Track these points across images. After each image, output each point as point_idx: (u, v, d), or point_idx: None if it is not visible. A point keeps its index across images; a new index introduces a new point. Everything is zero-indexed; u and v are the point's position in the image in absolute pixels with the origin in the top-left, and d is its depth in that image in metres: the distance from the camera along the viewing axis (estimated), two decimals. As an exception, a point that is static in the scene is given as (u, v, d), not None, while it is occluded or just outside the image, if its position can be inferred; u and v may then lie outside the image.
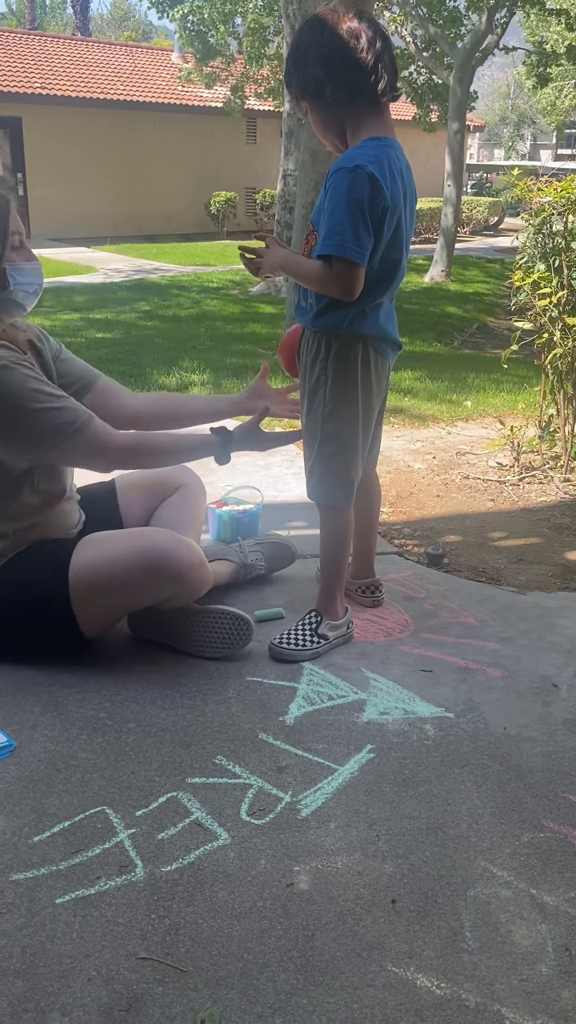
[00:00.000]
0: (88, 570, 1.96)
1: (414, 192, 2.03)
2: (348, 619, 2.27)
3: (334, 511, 2.20)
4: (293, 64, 1.96)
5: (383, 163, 1.88)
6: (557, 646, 2.28)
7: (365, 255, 1.89)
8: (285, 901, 1.42)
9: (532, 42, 17.37)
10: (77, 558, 1.97)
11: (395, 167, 1.92)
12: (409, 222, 2.01)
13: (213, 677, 2.06)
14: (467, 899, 1.44)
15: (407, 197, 1.97)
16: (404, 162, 1.98)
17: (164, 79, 18.73)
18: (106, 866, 1.48)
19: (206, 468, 3.46)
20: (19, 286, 1.96)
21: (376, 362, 2.10)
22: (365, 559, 2.45)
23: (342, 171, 1.86)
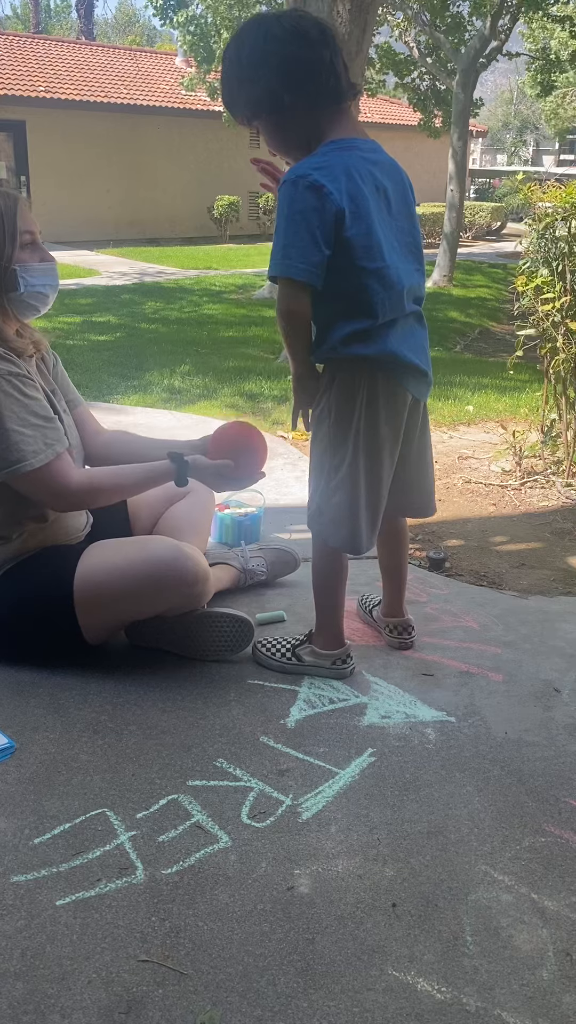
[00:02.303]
0: (92, 579, 1.96)
1: (403, 194, 1.83)
2: (340, 655, 2.09)
3: (327, 550, 2.00)
4: (236, 81, 1.75)
5: (334, 167, 1.70)
6: (559, 650, 2.28)
7: (312, 271, 1.70)
8: (286, 904, 1.42)
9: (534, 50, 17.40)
10: (82, 567, 1.97)
11: (357, 169, 1.72)
12: (390, 226, 1.79)
13: (214, 680, 2.06)
14: (468, 903, 1.44)
15: (388, 199, 1.78)
16: (382, 162, 1.79)
17: (168, 83, 18.77)
18: (106, 868, 1.48)
19: (208, 471, 3.47)
20: (31, 287, 1.93)
21: (387, 391, 1.85)
22: (393, 598, 2.25)
23: (284, 185, 1.70)
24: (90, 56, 19.19)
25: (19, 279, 1.91)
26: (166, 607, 2.03)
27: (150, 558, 1.97)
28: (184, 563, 1.97)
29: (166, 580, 1.96)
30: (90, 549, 2.02)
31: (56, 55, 18.37)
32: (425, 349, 1.92)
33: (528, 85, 20.92)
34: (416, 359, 1.86)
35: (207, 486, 2.13)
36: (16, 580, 1.99)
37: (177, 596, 1.99)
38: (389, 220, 1.79)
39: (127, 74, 18.82)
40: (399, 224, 1.82)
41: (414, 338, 1.87)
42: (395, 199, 1.81)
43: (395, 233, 1.81)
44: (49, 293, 1.99)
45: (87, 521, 2.21)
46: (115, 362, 6.01)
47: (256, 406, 4.80)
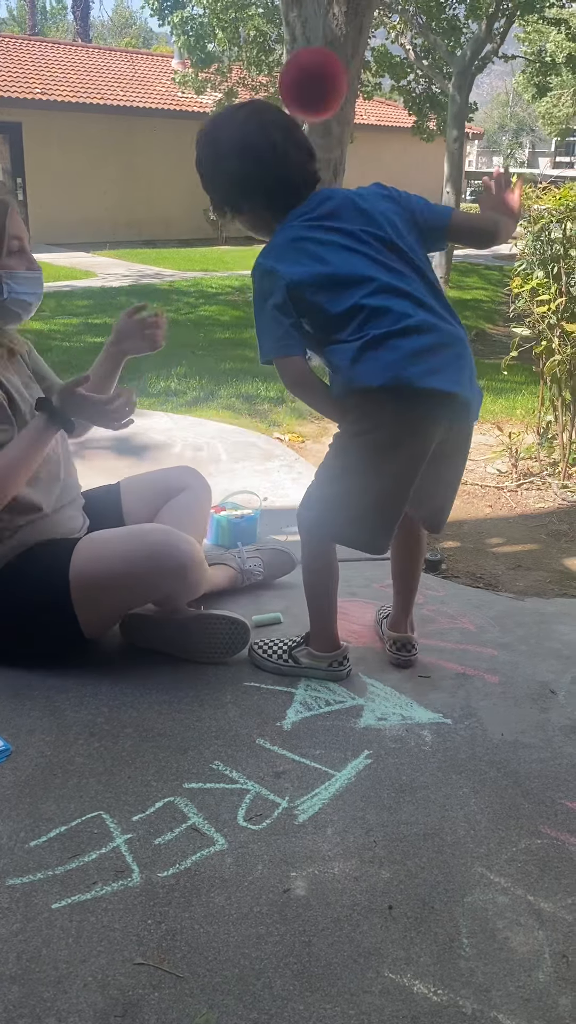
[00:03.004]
0: (88, 567, 1.96)
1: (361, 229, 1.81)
2: (336, 657, 2.08)
3: (316, 553, 2.03)
4: (206, 183, 1.91)
5: (283, 244, 1.82)
6: (555, 652, 2.28)
7: (291, 343, 1.81)
8: (282, 907, 1.42)
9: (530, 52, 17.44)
10: (78, 556, 1.97)
11: (302, 233, 1.81)
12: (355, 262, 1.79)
13: (211, 682, 2.05)
14: (464, 905, 1.44)
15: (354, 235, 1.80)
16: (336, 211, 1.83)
17: (164, 85, 18.76)
18: (102, 871, 1.48)
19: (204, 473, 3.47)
20: (15, 294, 1.93)
21: (398, 415, 1.79)
22: (397, 611, 2.22)
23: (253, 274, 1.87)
24: (86, 58, 19.18)
25: (3, 285, 1.91)
26: (162, 593, 2.03)
27: (145, 542, 1.98)
28: (178, 545, 1.98)
29: (162, 565, 1.96)
30: (85, 539, 2.03)
31: (52, 57, 18.36)
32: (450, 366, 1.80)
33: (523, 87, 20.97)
34: (431, 381, 1.76)
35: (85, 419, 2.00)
36: (12, 576, 1.99)
37: (172, 580, 1.99)
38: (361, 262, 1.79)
39: (123, 76, 18.81)
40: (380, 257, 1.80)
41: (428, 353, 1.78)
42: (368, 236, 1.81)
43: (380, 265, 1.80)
44: (32, 302, 1.99)
45: (84, 523, 2.20)
46: (111, 364, 6.00)
47: (253, 408, 4.80)
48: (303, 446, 4.14)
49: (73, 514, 2.16)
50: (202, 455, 3.78)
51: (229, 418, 4.54)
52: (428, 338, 1.76)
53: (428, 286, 1.83)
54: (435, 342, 1.77)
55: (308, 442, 4.21)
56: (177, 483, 2.38)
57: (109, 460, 3.64)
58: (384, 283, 1.77)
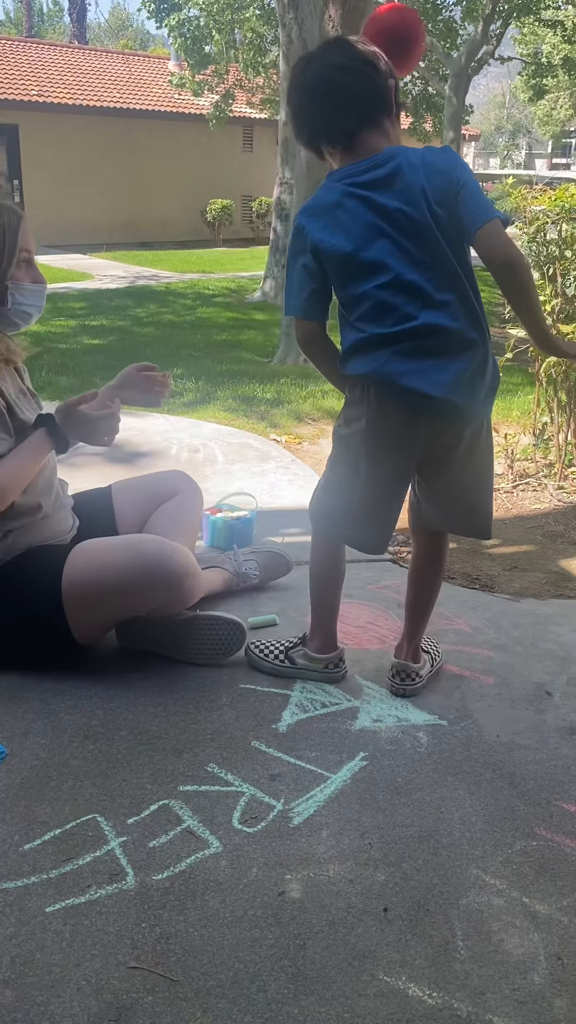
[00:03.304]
0: (81, 578, 1.95)
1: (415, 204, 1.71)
2: (332, 659, 2.08)
3: (317, 534, 2.03)
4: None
5: (320, 204, 1.78)
6: (551, 653, 2.28)
7: (299, 305, 1.83)
8: (277, 910, 1.42)
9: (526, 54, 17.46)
10: (70, 565, 1.96)
11: (332, 199, 1.76)
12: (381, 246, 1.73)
13: (206, 684, 2.05)
14: (459, 908, 1.44)
15: (389, 215, 1.72)
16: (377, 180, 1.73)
17: (160, 87, 18.77)
18: (97, 874, 1.47)
19: (201, 474, 3.47)
20: (19, 306, 1.95)
21: (380, 408, 1.79)
22: (401, 639, 2.10)
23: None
24: (83, 60, 19.18)
25: (8, 295, 1.93)
26: (155, 605, 2.02)
27: (138, 555, 1.97)
28: (172, 558, 1.97)
29: (154, 576, 1.96)
30: (77, 548, 2.02)
31: (49, 59, 18.36)
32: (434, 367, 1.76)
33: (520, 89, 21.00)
34: (411, 381, 1.75)
35: (82, 439, 2.00)
36: (4, 584, 1.98)
37: (165, 592, 1.99)
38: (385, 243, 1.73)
39: (120, 78, 18.82)
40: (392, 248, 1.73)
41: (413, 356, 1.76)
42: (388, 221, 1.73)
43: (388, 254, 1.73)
44: (33, 313, 2.01)
45: (73, 524, 2.20)
46: (108, 366, 5.99)
47: (250, 409, 4.79)
48: (300, 447, 4.14)
49: (63, 515, 2.15)
50: (198, 456, 3.78)
51: (226, 419, 4.54)
52: (425, 341, 1.73)
53: (450, 279, 1.73)
54: (431, 344, 1.74)
55: (305, 443, 4.21)
56: (168, 487, 2.38)
57: (104, 462, 3.64)
58: (398, 275, 1.72)
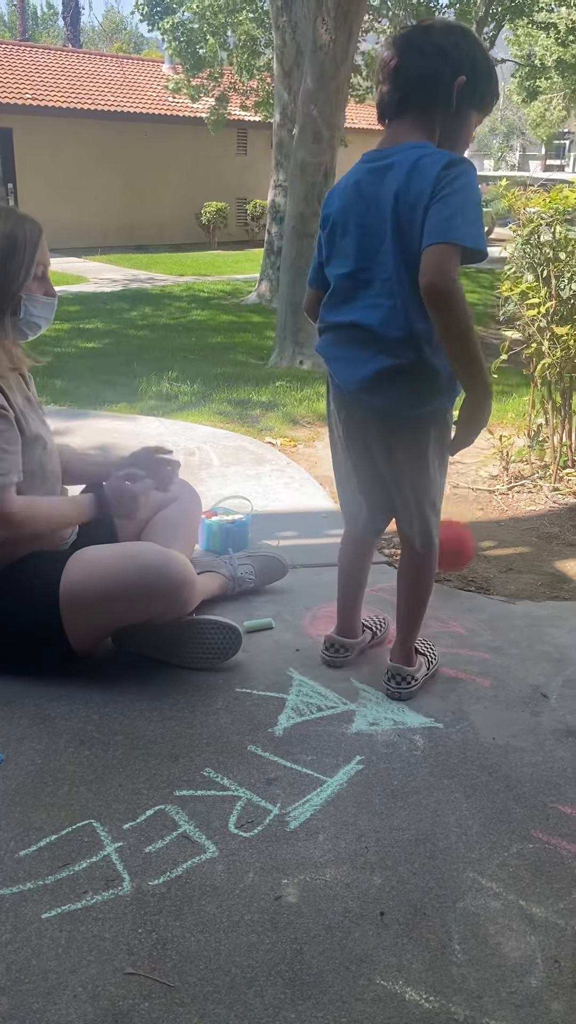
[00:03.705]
0: (78, 587, 1.95)
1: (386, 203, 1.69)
2: (326, 640, 2.20)
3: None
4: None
5: (341, 182, 1.83)
6: (546, 655, 2.28)
7: (311, 274, 1.97)
8: (273, 914, 1.41)
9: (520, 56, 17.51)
10: (68, 574, 1.96)
11: (351, 180, 1.78)
12: (344, 234, 1.79)
13: (202, 689, 2.05)
14: (456, 911, 1.44)
15: (369, 207, 1.73)
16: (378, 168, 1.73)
17: (155, 90, 18.78)
18: (93, 880, 1.47)
19: (196, 478, 3.47)
20: (31, 316, 1.99)
21: (330, 392, 1.97)
22: (395, 643, 2.10)
23: None
24: (77, 63, 19.19)
25: (22, 306, 1.96)
26: (153, 614, 2.02)
27: (136, 564, 1.97)
28: (171, 568, 1.97)
29: (153, 586, 1.96)
30: (75, 556, 2.01)
31: (43, 63, 18.37)
32: (353, 361, 1.82)
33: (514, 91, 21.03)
34: (337, 369, 1.86)
35: (124, 517, 2.19)
36: (1, 589, 1.98)
37: (164, 602, 1.99)
38: (351, 229, 1.78)
39: (114, 81, 18.83)
40: (359, 231, 1.76)
41: (344, 345, 1.84)
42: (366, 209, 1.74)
43: (351, 238, 1.78)
44: (43, 325, 2.05)
45: (72, 530, 2.20)
46: (103, 369, 6.00)
47: (244, 412, 4.79)
48: (295, 450, 4.14)
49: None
50: (193, 460, 3.78)
51: (221, 422, 4.54)
52: (354, 336, 1.80)
53: (397, 284, 1.71)
54: (358, 340, 1.80)
55: (300, 446, 4.21)
56: (167, 494, 2.38)
57: (100, 466, 3.63)
58: (357, 269, 1.77)
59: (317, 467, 3.84)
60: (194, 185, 18.66)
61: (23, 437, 1.98)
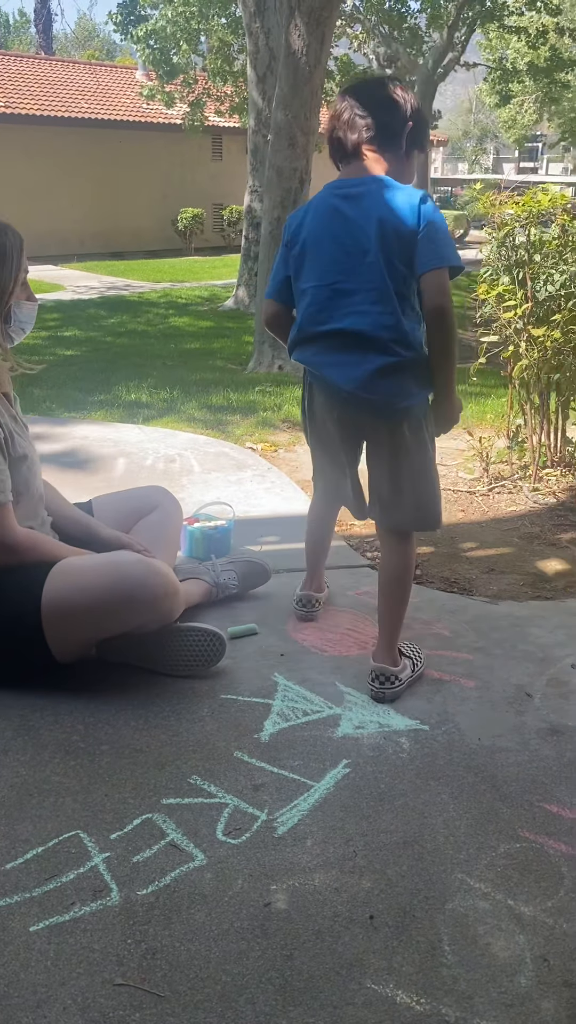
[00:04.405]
0: (60, 598, 1.94)
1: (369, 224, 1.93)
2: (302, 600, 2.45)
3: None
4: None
5: (307, 203, 2.09)
6: (530, 655, 2.29)
7: (272, 287, 2.15)
8: (263, 921, 1.41)
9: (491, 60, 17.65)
10: (50, 586, 1.95)
11: (323, 204, 2.02)
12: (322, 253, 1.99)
13: (187, 696, 2.04)
14: (445, 912, 1.44)
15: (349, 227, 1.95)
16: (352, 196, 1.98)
17: (129, 97, 18.75)
18: (81, 891, 1.46)
19: (177, 485, 3.46)
20: (18, 322, 2.01)
21: (311, 391, 2.15)
22: (379, 644, 2.15)
23: None
24: (50, 71, 19.12)
25: (12, 313, 1.98)
26: (136, 624, 2.01)
27: (118, 575, 1.96)
28: (153, 579, 1.97)
29: (135, 597, 1.95)
30: (58, 567, 2.00)
31: (16, 70, 18.29)
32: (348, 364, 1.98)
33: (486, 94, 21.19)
34: (328, 373, 2.02)
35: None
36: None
37: (147, 612, 1.98)
38: (319, 248, 2.01)
39: (87, 88, 18.77)
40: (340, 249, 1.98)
41: (325, 351, 2.02)
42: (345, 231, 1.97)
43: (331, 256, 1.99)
44: (27, 330, 2.07)
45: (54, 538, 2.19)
46: (81, 377, 5.97)
47: (223, 418, 4.79)
48: (276, 455, 4.15)
49: (43, 532, 2.14)
50: (174, 466, 3.77)
51: (201, 429, 4.54)
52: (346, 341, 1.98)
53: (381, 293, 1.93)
54: (350, 344, 1.97)
55: (281, 451, 4.22)
56: (148, 502, 2.38)
57: (81, 475, 3.62)
58: (337, 280, 1.98)
59: (298, 471, 3.85)
60: (170, 191, 18.64)
61: (9, 457, 1.98)
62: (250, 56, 10.00)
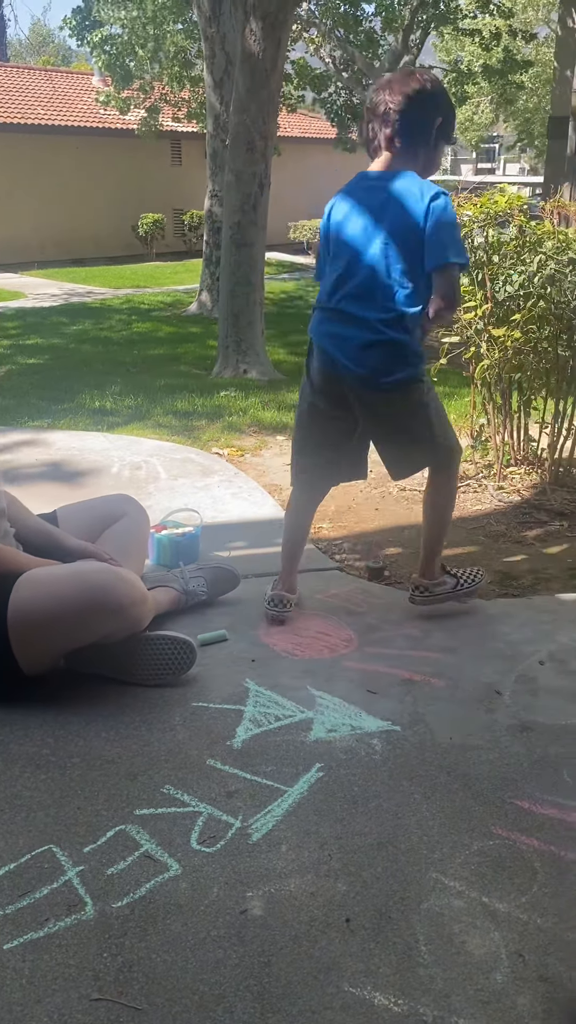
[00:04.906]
0: (26, 610, 1.92)
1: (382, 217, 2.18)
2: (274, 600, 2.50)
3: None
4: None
5: (344, 193, 2.30)
6: (498, 652, 2.31)
7: (319, 268, 2.38)
8: (239, 928, 1.41)
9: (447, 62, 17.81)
10: (15, 598, 1.93)
11: (344, 195, 2.28)
12: (341, 238, 2.25)
13: (158, 705, 2.03)
14: (420, 912, 1.45)
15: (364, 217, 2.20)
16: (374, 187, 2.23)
17: (86, 103, 18.63)
18: (55, 907, 1.45)
19: (144, 492, 3.45)
20: None
21: (312, 359, 2.35)
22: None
23: None
24: (5, 77, 18.95)
25: None
26: (104, 634, 2.00)
27: (84, 584, 1.95)
28: (120, 587, 1.95)
29: (102, 606, 1.94)
30: (24, 578, 1.98)
31: (-30, 77, 18.11)
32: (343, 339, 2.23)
33: (443, 97, 21.31)
34: (324, 343, 2.27)
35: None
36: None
37: (115, 622, 1.97)
38: (344, 233, 2.24)
39: (43, 95, 18.63)
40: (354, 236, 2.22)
41: (334, 326, 2.27)
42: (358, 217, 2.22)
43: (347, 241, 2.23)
44: None
45: (18, 549, 2.16)
46: (45, 385, 5.92)
47: (189, 424, 4.78)
48: (243, 460, 4.14)
49: (6, 543, 2.12)
50: (140, 474, 3.75)
51: (167, 435, 4.52)
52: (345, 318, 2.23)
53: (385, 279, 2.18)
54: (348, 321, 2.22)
55: (247, 455, 4.21)
56: (114, 510, 2.37)
57: (46, 485, 3.59)
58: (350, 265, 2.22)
59: (265, 476, 3.85)
60: (130, 197, 18.55)
61: None
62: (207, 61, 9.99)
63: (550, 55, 18.82)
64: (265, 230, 6.70)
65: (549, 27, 22.10)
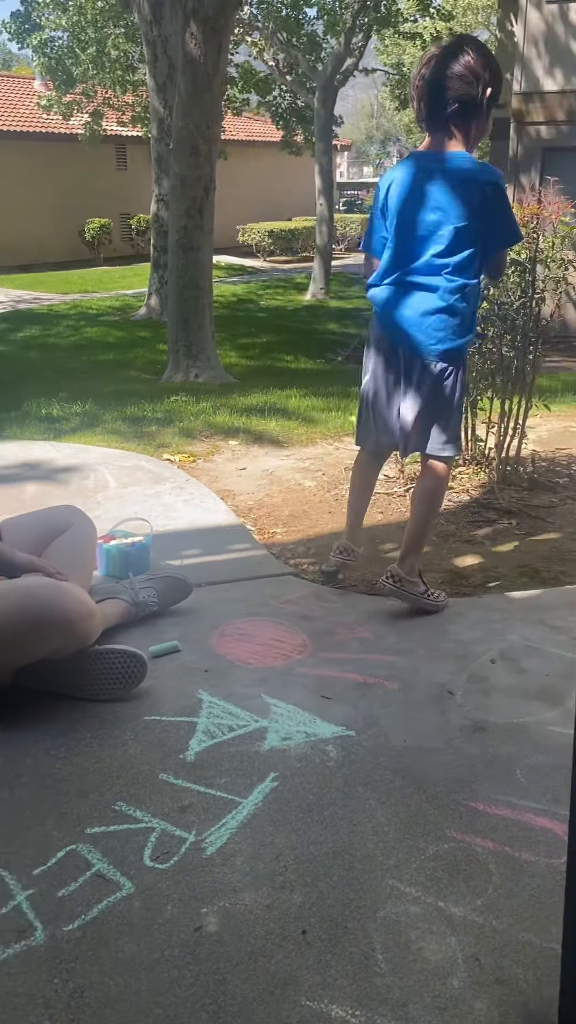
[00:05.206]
0: None
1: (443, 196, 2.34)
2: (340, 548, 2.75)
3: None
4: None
5: (393, 171, 2.48)
6: (450, 652, 2.32)
7: (367, 242, 2.59)
8: (194, 946, 1.39)
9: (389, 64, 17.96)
10: None
11: (407, 173, 2.41)
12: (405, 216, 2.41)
13: (108, 720, 2.00)
14: (377, 920, 1.44)
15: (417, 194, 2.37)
16: (431, 168, 2.37)
17: (27, 107, 18.42)
18: (3, 933, 1.41)
19: (92, 502, 3.40)
20: None
21: (374, 324, 2.57)
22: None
23: None
24: (-56, 81, 18.66)
25: None
26: (52, 649, 1.96)
27: (28, 599, 1.90)
28: (66, 602, 1.92)
29: (48, 622, 1.90)
30: None
31: None
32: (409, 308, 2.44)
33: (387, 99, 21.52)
34: (388, 308, 2.48)
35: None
36: None
37: (61, 637, 1.93)
38: (403, 209, 2.40)
39: (-16, 99, 18.39)
40: (419, 214, 2.38)
41: (397, 295, 2.46)
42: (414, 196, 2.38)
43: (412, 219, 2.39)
44: None
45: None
46: (-9, 395, 5.83)
47: (139, 430, 4.73)
48: (194, 466, 4.11)
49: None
50: (88, 483, 3.70)
51: (116, 442, 4.47)
52: (407, 287, 2.44)
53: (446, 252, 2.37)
54: (409, 290, 2.44)
55: (199, 461, 4.18)
56: (60, 522, 2.32)
57: (-8, 496, 3.52)
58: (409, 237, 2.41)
59: (217, 481, 3.83)
60: (75, 202, 18.38)
61: None
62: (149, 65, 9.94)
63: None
64: (212, 234, 6.68)
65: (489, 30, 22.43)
